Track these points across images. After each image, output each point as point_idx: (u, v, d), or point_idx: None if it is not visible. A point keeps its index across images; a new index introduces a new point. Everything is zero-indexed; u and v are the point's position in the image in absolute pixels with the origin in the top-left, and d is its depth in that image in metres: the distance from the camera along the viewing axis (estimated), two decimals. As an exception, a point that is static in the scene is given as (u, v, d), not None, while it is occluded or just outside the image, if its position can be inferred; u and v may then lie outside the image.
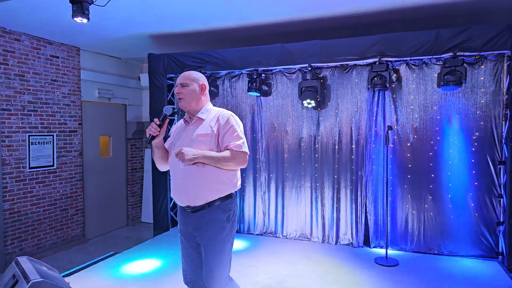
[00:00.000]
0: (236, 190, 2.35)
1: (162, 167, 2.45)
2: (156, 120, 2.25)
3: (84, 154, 6.16)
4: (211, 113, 2.36)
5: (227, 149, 2.24)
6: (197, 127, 2.31)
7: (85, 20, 3.50)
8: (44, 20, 4.64)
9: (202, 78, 2.40)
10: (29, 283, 2.24)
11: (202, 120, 2.33)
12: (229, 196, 2.30)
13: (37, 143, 5.39)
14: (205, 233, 2.22)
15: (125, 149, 7.18)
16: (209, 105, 2.43)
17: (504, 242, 4.20)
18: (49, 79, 5.58)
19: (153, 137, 2.25)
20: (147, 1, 4.02)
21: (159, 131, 2.26)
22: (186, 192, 2.22)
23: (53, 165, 5.61)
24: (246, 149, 2.28)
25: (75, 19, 3.46)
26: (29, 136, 5.27)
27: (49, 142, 5.57)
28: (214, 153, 2.21)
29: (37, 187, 5.38)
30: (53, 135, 5.63)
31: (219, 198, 2.24)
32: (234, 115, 2.37)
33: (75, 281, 3.73)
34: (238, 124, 2.33)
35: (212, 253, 2.22)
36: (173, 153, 2.28)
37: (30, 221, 5.27)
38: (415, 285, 3.67)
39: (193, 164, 2.18)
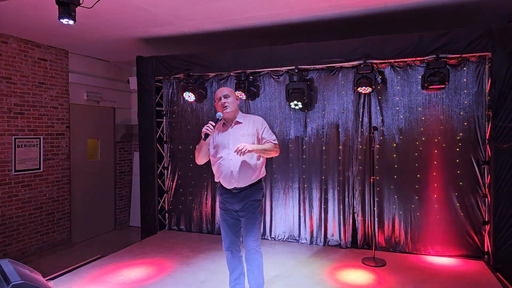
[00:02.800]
0: (264, 175, 3.18)
1: (202, 160, 3.09)
2: (212, 122, 2.87)
3: (71, 157, 6.11)
4: (245, 118, 3.11)
5: (268, 142, 3.03)
6: (239, 129, 3.03)
7: (71, 22, 3.49)
8: (32, 22, 4.63)
9: (234, 92, 3.22)
10: (10, 285, 2.21)
11: (240, 123, 3.06)
12: (261, 179, 3.13)
13: (23, 146, 5.34)
14: (249, 207, 3.00)
15: (114, 152, 7.14)
16: (241, 112, 3.17)
17: (490, 242, 4.24)
18: (36, 81, 5.55)
19: (207, 136, 2.85)
20: (135, 4, 4.03)
21: (213, 131, 2.90)
22: (236, 178, 2.96)
23: (39, 168, 5.56)
24: (278, 142, 3.16)
25: (61, 20, 3.45)
26: (15, 138, 5.22)
27: (35, 145, 5.52)
28: (262, 145, 3.01)
29: (22, 190, 5.31)
30: (40, 138, 5.58)
31: (257, 181, 3.05)
32: (262, 118, 3.17)
33: (60, 285, 3.68)
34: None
35: (252, 219, 2.99)
36: (221, 150, 3.00)
37: (15, 225, 5.19)
38: (402, 285, 3.68)
39: (243, 156, 2.86)
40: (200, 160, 3.08)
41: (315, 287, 3.65)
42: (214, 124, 2.88)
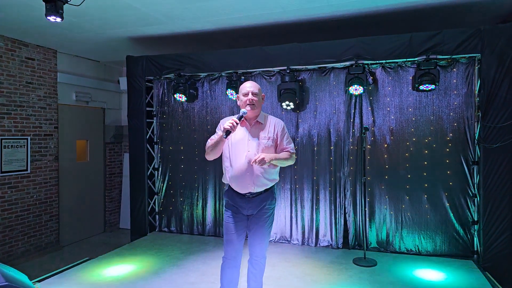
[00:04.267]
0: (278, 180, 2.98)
1: (213, 157, 2.84)
2: (235, 119, 2.61)
3: (60, 158, 6.01)
4: (267, 119, 2.90)
5: (285, 151, 2.86)
6: (259, 130, 2.83)
7: (58, 19, 3.44)
8: (19, 21, 4.54)
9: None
10: (-7, 287, 2.15)
11: (261, 124, 2.85)
12: (275, 184, 2.96)
13: (10, 146, 5.23)
14: (264, 213, 2.83)
15: (103, 154, 7.05)
16: (262, 111, 2.95)
17: (479, 241, 4.28)
18: (24, 81, 5.45)
19: (229, 133, 2.60)
20: (125, 2, 3.98)
21: (235, 129, 2.65)
22: (253, 182, 2.75)
23: (26, 170, 5.45)
24: (294, 150, 2.97)
25: (48, 18, 3.40)
26: (1, 139, 5.12)
27: (22, 146, 5.42)
28: (279, 155, 2.81)
29: (9, 192, 5.20)
30: (27, 139, 5.47)
31: (272, 186, 2.88)
32: (283, 122, 2.97)
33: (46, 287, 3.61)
34: (280, 117, 2.89)
35: (265, 227, 2.84)
36: (238, 150, 2.78)
37: (1, 228, 5.08)
38: (392, 284, 3.69)
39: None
40: (212, 156, 2.83)
41: (305, 287, 3.63)
42: (238, 121, 2.62)
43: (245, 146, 2.78)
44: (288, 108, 4.79)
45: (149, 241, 5.19)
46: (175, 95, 5.20)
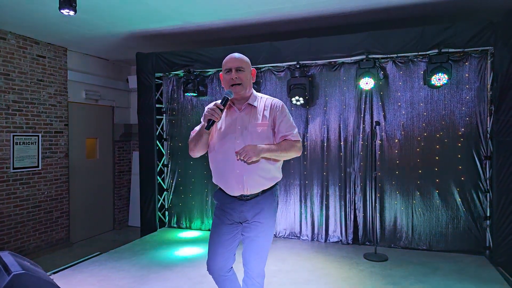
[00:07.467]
0: (280, 178, 2.36)
1: (199, 153, 2.28)
2: (219, 105, 2.09)
3: (70, 155, 6.05)
4: (261, 100, 2.28)
5: (286, 139, 2.22)
6: (250, 115, 2.22)
7: (72, 13, 3.46)
8: (31, 18, 4.59)
9: (250, 63, 2.31)
10: (11, 275, 2.16)
11: (253, 107, 2.24)
12: (276, 183, 2.33)
13: (21, 143, 5.28)
14: (262, 218, 2.21)
15: (112, 152, 7.08)
16: (254, 91, 2.34)
17: (491, 237, 4.23)
18: (35, 78, 5.50)
19: (212, 123, 2.10)
20: (135, -3, 4.01)
21: (220, 117, 2.13)
22: (243, 182, 2.16)
23: (38, 166, 5.49)
24: (299, 137, 2.30)
25: (62, 11, 3.42)
26: (13, 136, 5.17)
27: (34, 143, 5.46)
28: (275, 146, 2.17)
29: (21, 188, 5.24)
30: (38, 136, 5.52)
31: (271, 186, 2.27)
32: (283, 103, 2.32)
33: (59, 280, 3.62)
34: (289, 112, 2.30)
35: (263, 238, 2.23)
36: (224, 142, 2.20)
37: (13, 223, 5.12)
38: (404, 278, 3.66)
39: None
40: (197, 152, 2.27)
41: (316, 280, 3.62)
42: (222, 107, 2.09)
43: (233, 137, 2.18)
44: (298, 103, 4.79)
45: (159, 237, 5.21)
46: (184, 92, 5.21)
